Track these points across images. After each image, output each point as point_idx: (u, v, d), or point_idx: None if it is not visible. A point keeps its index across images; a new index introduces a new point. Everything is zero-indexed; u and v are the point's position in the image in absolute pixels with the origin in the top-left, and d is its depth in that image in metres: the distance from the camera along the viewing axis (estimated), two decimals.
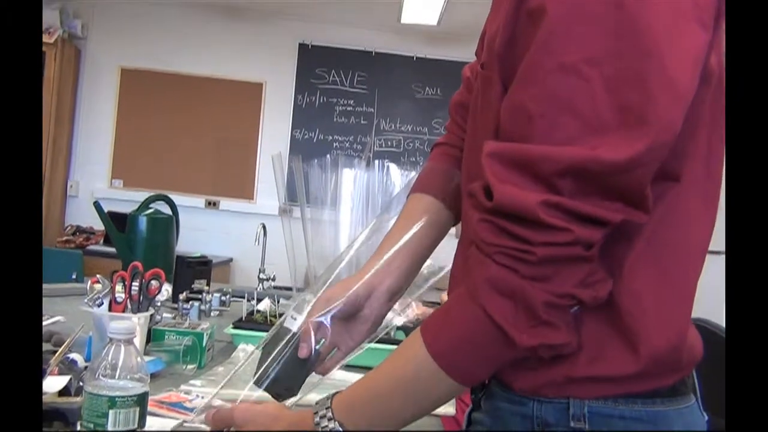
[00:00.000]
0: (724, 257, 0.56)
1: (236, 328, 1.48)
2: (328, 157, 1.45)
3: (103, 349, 0.75)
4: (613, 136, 0.54)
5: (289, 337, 0.78)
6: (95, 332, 1.18)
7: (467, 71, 0.91)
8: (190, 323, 1.39)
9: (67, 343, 1.09)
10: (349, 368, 0.91)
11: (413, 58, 4.51)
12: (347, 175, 1.44)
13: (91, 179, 4.45)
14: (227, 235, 4.41)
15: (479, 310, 0.58)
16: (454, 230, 0.88)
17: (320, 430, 0.63)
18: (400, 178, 1.45)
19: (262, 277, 2.45)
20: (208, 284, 1.95)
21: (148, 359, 1.16)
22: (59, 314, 1.55)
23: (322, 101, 4.53)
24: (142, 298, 1.22)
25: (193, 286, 1.88)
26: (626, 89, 0.54)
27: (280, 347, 0.78)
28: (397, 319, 0.93)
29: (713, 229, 0.67)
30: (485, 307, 0.58)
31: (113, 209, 2.55)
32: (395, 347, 0.67)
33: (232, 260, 4.38)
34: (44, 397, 0.89)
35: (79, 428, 0.74)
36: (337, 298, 0.78)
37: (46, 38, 3.98)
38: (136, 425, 0.73)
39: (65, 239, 4.09)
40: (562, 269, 0.56)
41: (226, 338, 1.49)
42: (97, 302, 1.22)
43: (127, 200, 3.53)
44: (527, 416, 0.65)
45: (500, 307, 0.57)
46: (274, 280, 2.44)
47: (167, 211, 2.23)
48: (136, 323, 1.09)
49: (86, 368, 1.04)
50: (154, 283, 1.24)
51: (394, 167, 1.45)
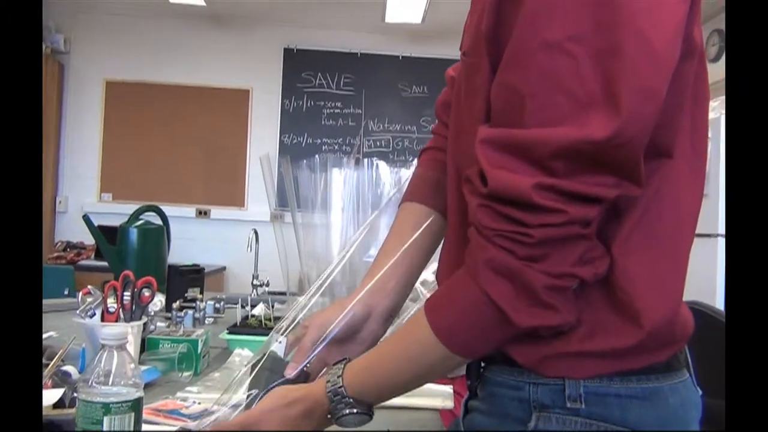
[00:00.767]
0: (714, 240, 0.57)
1: (231, 333, 1.47)
2: (317, 157, 1.45)
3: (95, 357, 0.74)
4: (600, 110, 0.55)
5: (276, 364, 0.79)
6: (88, 343, 1.17)
7: (451, 71, 0.91)
8: (184, 331, 1.38)
9: (59, 354, 1.08)
10: None
11: (399, 57, 4.52)
12: (337, 175, 1.44)
13: (79, 194, 4.43)
14: (219, 243, 4.40)
15: (480, 291, 0.60)
16: None
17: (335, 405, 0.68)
18: (389, 175, 1.45)
19: (255, 283, 2.44)
20: (201, 292, 1.94)
21: (143, 368, 1.15)
22: (52, 329, 1.54)
23: (309, 105, 4.52)
24: (134, 307, 1.21)
25: (186, 294, 1.87)
26: (609, 62, 0.55)
27: (266, 375, 0.78)
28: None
29: (702, 198, 0.68)
30: (485, 288, 0.59)
31: (103, 223, 2.52)
32: None
33: (225, 269, 4.37)
34: None
35: None
36: (332, 321, 0.79)
37: None
38: (131, 430, 0.72)
39: (56, 255, 4.06)
40: (559, 249, 0.58)
41: (221, 344, 1.48)
42: (89, 313, 1.21)
43: (117, 213, 3.50)
44: (524, 400, 0.65)
45: (500, 288, 0.59)
46: (267, 285, 2.44)
47: (158, 222, 2.22)
48: (127, 328, 1.08)
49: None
50: (146, 291, 1.23)
51: (383, 165, 1.45)
